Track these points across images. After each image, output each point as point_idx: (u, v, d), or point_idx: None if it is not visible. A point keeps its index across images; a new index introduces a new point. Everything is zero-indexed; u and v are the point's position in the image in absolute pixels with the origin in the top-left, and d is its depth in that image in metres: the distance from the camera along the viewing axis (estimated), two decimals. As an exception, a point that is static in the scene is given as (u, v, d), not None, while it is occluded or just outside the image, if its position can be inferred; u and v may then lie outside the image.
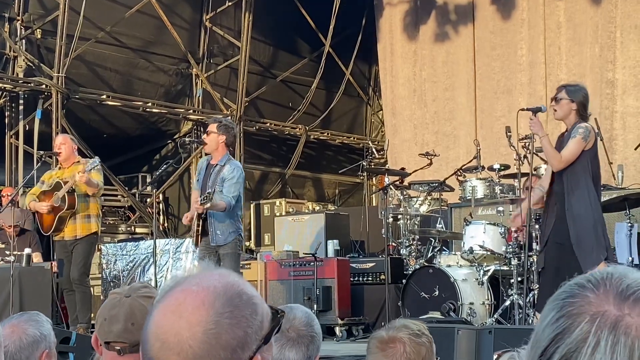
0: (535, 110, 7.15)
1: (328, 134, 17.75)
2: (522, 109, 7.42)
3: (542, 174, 9.50)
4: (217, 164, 8.49)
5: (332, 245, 11.25)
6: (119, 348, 2.60)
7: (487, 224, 9.05)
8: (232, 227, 8.44)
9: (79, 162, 9.33)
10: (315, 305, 9.70)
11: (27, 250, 10.00)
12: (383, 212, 10.66)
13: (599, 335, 1.17)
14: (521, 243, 8.88)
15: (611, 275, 1.23)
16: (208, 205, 8.07)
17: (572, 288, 1.23)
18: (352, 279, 10.40)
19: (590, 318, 1.18)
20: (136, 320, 2.55)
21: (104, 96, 14.44)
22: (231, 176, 8.40)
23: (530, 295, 8.55)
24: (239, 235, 8.52)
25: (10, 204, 9.68)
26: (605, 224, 7.18)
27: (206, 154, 8.87)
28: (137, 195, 15.00)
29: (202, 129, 14.68)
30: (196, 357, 1.39)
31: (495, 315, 8.78)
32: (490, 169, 10.38)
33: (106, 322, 2.64)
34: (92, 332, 8.48)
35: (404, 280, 9.49)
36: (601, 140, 11.23)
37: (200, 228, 8.40)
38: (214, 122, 8.74)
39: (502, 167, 10.25)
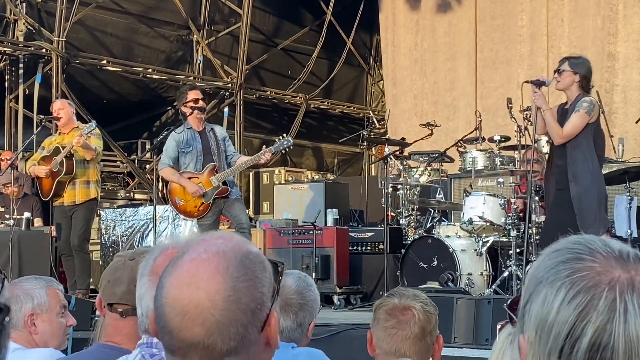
0: (539, 84, 7.13)
1: (328, 103, 17.70)
2: (527, 81, 7.38)
3: (543, 147, 9.51)
4: (209, 129, 8.70)
5: (332, 214, 11.26)
6: (121, 310, 2.61)
7: (487, 195, 9.04)
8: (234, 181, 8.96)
9: (78, 127, 9.32)
10: (313, 274, 9.70)
11: (26, 214, 10.00)
12: (383, 182, 10.65)
13: (625, 300, 1.16)
14: (521, 214, 8.88)
15: (594, 242, 1.22)
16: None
17: (570, 264, 1.20)
18: (350, 248, 10.41)
19: (608, 286, 1.16)
20: None
21: (104, 61, 14.39)
22: (225, 134, 8.91)
23: (529, 266, 8.56)
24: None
25: (9, 168, 9.67)
26: (607, 197, 7.19)
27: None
28: (136, 161, 14.99)
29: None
30: (219, 325, 1.40)
31: (493, 286, 8.80)
32: (491, 140, 10.35)
33: (110, 284, 2.65)
34: (90, 297, 8.53)
35: (402, 250, 9.50)
36: (602, 113, 11.23)
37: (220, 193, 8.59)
38: (198, 89, 9.04)
39: (503, 139, 10.23)
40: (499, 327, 2.65)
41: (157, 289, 1.46)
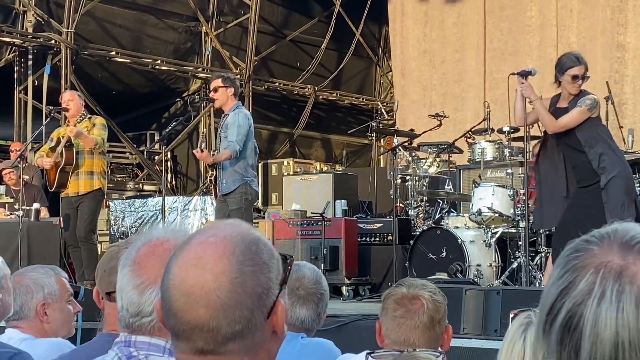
0: (525, 74, 7.05)
1: (337, 94, 17.69)
2: (512, 73, 7.30)
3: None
4: (227, 114, 8.55)
5: (340, 205, 11.25)
6: None
7: (496, 186, 9.01)
8: (236, 174, 8.32)
9: (90, 118, 9.35)
10: (322, 265, 9.70)
11: (35, 205, 10.02)
12: (391, 173, 10.63)
13: (604, 285, 1.15)
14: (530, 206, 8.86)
15: (616, 229, 1.22)
16: (222, 157, 8.19)
17: (577, 244, 1.21)
18: (359, 239, 10.40)
19: (594, 269, 1.16)
20: None
21: (113, 53, 14.40)
22: (233, 121, 8.33)
23: (538, 257, 8.54)
24: (244, 183, 8.35)
25: (19, 159, 9.69)
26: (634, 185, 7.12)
27: (219, 111, 8.91)
28: (145, 152, 15.01)
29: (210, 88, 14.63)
30: (224, 307, 1.39)
31: (502, 277, 8.78)
32: (500, 131, 10.32)
33: (106, 273, 2.66)
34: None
35: (411, 241, 9.49)
36: (612, 104, 11.19)
37: (213, 178, 8.46)
38: (217, 78, 8.76)
39: (512, 130, 10.19)
40: (511, 315, 2.64)
41: (164, 273, 1.47)
